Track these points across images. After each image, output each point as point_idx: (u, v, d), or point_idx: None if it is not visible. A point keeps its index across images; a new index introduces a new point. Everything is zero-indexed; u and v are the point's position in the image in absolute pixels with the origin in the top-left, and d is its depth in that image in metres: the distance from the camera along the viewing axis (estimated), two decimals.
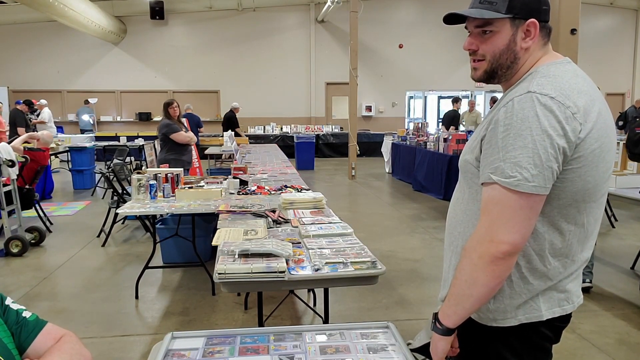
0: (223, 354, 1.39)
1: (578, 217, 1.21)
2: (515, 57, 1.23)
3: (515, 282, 1.23)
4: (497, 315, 1.26)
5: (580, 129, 1.11)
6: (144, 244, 5.40)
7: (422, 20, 16.08)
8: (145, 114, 15.51)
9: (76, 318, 3.57)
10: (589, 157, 1.14)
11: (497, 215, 1.12)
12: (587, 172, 1.15)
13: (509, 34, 1.22)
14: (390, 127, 14.85)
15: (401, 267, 4.56)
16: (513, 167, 1.10)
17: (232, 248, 2.14)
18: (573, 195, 1.17)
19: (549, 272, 1.23)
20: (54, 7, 10.73)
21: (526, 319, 1.24)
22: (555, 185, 1.14)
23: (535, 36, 1.22)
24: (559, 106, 1.11)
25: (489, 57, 1.25)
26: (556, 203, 1.17)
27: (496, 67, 1.25)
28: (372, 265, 2.07)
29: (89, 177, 9.15)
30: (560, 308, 1.26)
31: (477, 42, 1.26)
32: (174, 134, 5.59)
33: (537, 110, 1.11)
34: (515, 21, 1.21)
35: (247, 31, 15.62)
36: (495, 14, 1.20)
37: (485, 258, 1.13)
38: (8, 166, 4.94)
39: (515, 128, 1.11)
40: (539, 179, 1.10)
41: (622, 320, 3.45)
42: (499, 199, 1.12)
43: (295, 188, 3.99)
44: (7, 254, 4.95)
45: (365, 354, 1.39)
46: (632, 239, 5.53)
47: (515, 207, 1.11)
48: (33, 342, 1.18)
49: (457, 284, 1.20)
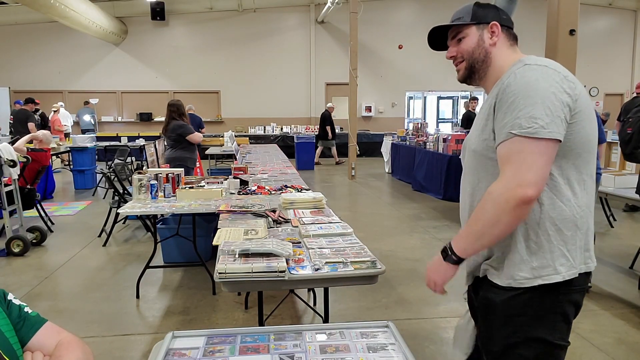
0: (223, 353, 1.40)
1: (586, 168, 1.37)
2: (487, 52, 1.48)
3: (552, 235, 1.34)
4: (542, 272, 1.34)
5: (575, 88, 1.31)
6: (145, 244, 5.42)
7: (422, 21, 16.08)
8: (146, 114, 15.52)
9: (77, 317, 3.58)
10: (585, 112, 1.33)
11: (521, 162, 1.26)
12: (586, 125, 1.33)
13: (476, 35, 1.49)
14: (390, 128, 14.86)
15: (401, 267, 4.57)
16: (529, 119, 1.26)
17: (232, 248, 2.15)
18: (582, 145, 1.33)
19: (578, 220, 1.35)
20: (54, 8, 10.74)
21: (569, 275, 1.34)
22: (567, 138, 1.30)
23: (499, 34, 1.48)
24: (554, 72, 1.32)
25: (466, 55, 1.50)
26: (570, 155, 1.33)
27: (472, 62, 1.50)
28: (372, 264, 2.09)
29: (90, 177, 9.17)
30: (585, 265, 1.39)
31: (455, 48, 1.53)
32: (191, 134, 5.75)
33: (537, 75, 1.30)
34: (480, 25, 1.49)
35: (248, 32, 15.63)
36: (462, 22, 1.51)
37: (512, 202, 1.25)
38: (9, 166, 4.96)
39: (522, 92, 1.29)
40: (553, 126, 1.26)
41: (621, 319, 3.46)
42: (520, 148, 1.26)
43: (296, 188, 4.00)
44: (9, 254, 4.97)
45: (365, 353, 1.40)
46: (631, 239, 5.54)
47: (536, 153, 1.26)
48: (34, 336, 1.20)
49: (479, 223, 1.33)
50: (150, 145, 6.30)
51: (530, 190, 1.24)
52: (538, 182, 1.25)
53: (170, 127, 5.72)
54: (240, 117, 15.86)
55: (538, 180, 1.25)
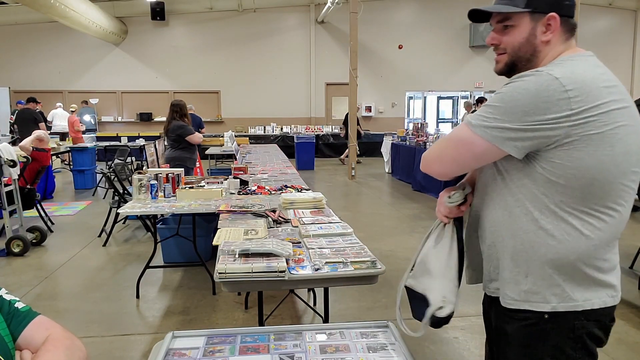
0: (223, 353, 1.40)
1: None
2: (535, 50, 1.26)
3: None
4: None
5: (572, 111, 1.13)
6: (145, 244, 5.42)
7: (422, 21, 16.10)
8: (146, 114, 15.52)
9: (77, 317, 3.58)
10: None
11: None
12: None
13: (528, 27, 1.25)
14: (390, 128, 14.85)
15: (401, 267, 4.56)
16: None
17: (232, 248, 2.15)
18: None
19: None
20: (54, 8, 10.74)
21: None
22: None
23: (556, 30, 1.24)
24: (557, 86, 1.13)
25: (509, 50, 1.29)
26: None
27: (516, 59, 1.29)
28: (372, 264, 2.09)
29: (90, 177, 9.17)
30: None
31: (499, 36, 1.30)
32: (191, 135, 5.76)
33: (532, 83, 1.15)
34: (535, 15, 1.23)
35: (248, 32, 15.63)
36: (513, 9, 1.24)
37: None
38: (9, 166, 4.96)
39: (507, 94, 1.18)
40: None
41: (621, 319, 3.46)
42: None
43: (296, 188, 4.00)
44: (9, 254, 4.97)
45: (365, 353, 1.40)
46: (631, 239, 5.54)
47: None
48: (23, 331, 1.17)
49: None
50: (150, 145, 6.31)
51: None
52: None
53: (170, 127, 5.73)
54: (240, 117, 15.85)
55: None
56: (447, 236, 1.45)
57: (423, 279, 1.46)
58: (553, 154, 1.18)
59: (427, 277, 1.45)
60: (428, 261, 1.46)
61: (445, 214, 1.45)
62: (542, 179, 1.21)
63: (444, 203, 1.44)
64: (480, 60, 16.35)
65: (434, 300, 1.40)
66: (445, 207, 1.44)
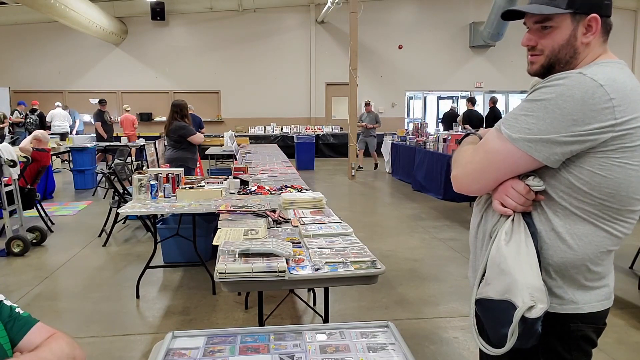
0: (223, 353, 1.40)
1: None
2: (575, 52, 1.22)
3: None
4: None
5: (616, 121, 1.10)
6: (145, 244, 5.42)
7: (422, 21, 16.10)
8: (147, 114, 15.52)
9: (77, 317, 3.57)
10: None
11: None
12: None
13: (569, 29, 1.21)
14: (390, 128, 14.85)
15: (401, 267, 4.57)
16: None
17: (232, 248, 2.16)
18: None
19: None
20: (54, 8, 10.74)
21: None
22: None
23: (597, 31, 1.21)
24: (602, 93, 1.10)
25: (547, 51, 1.24)
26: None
27: (554, 61, 1.24)
28: (372, 264, 2.09)
29: (90, 177, 9.17)
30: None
31: (536, 37, 1.26)
32: (192, 136, 5.76)
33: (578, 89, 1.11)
34: (576, 16, 1.20)
35: (248, 32, 15.63)
36: (555, 10, 1.20)
37: None
38: (9, 166, 4.96)
39: (548, 99, 1.13)
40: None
41: (621, 319, 3.46)
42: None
43: (296, 188, 4.00)
44: (9, 254, 4.97)
45: (365, 353, 1.40)
46: (630, 239, 5.54)
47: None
48: (25, 336, 1.19)
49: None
50: (150, 145, 6.31)
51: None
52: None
53: (172, 127, 5.72)
54: (240, 117, 15.85)
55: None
56: (518, 231, 1.24)
57: (500, 282, 1.22)
58: (584, 160, 1.15)
59: (504, 278, 1.21)
60: (502, 261, 1.22)
61: (521, 203, 1.23)
62: (566, 182, 1.18)
63: (517, 191, 1.23)
64: (480, 60, 16.35)
65: (520, 299, 1.17)
66: (519, 196, 1.23)
